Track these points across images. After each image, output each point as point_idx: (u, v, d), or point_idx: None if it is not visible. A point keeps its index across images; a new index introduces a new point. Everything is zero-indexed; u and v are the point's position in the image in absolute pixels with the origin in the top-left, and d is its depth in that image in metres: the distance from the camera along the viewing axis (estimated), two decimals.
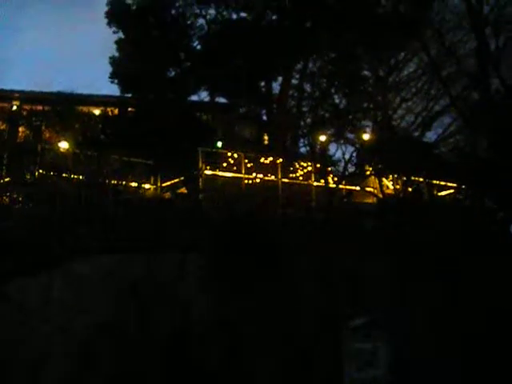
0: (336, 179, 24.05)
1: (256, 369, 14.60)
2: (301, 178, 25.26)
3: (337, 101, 29.99)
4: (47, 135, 24.92)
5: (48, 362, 13.44)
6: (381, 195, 23.36)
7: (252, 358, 14.66)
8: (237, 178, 23.43)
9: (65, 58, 74.90)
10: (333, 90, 29.71)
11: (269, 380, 14.57)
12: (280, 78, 31.38)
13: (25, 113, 27.91)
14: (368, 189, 24.58)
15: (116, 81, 31.49)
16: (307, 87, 30.79)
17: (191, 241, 16.20)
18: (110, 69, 31.72)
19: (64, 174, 20.09)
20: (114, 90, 33.28)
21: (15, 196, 18.45)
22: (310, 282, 16.35)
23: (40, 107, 27.38)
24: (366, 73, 31.03)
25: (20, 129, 26.92)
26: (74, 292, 14.33)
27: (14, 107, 30.44)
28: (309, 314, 15.56)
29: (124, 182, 20.30)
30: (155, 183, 22.39)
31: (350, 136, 27.32)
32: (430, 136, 31.22)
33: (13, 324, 13.54)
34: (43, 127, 25.29)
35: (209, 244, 16.23)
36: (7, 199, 18.46)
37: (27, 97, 30.54)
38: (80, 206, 17.39)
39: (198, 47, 31.69)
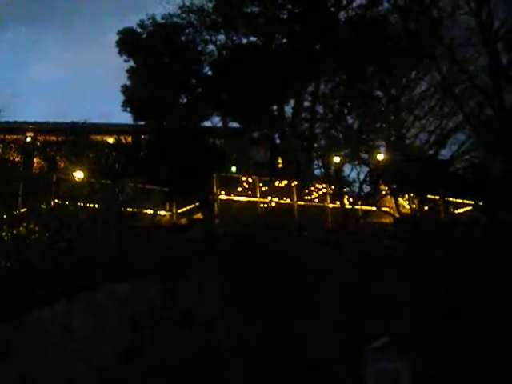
0: (351, 200, 23.90)
1: None
2: (316, 200, 25.13)
3: (350, 122, 29.93)
4: (62, 165, 24.92)
5: None
6: (397, 215, 23.20)
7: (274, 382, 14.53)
8: (252, 201, 23.35)
9: (77, 89, 75.40)
10: (345, 111, 29.66)
11: None
12: (292, 101, 31.35)
13: (39, 144, 27.94)
14: (384, 209, 24.40)
15: (128, 109, 31.63)
16: (319, 109, 30.74)
17: (208, 267, 16.11)
18: (122, 97, 31.93)
19: (80, 203, 20.02)
20: (127, 118, 33.52)
21: (31, 226, 18.39)
22: (330, 305, 16.23)
23: (54, 138, 27.44)
24: (378, 93, 30.98)
25: (35, 160, 27.00)
26: (93, 320, 14.26)
27: (29, 138, 30.48)
28: (330, 336, 15.42)
29: (140, 210, 20.23)
30: (171, 210, 22.35)
31: (364, 156, 27.21)
32: (445, 154, 31.12)
33: (34, 354, 13.46)
34: (58, 157, 25.30)
35: (226, 270, 16.14)
36: (24, 230, 18.41)
37: (41, 128, 30.64)
38: (96, 235, 17.31)
39: (209, 73, 31.76)
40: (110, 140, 27.87)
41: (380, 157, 26.39)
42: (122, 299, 14.62)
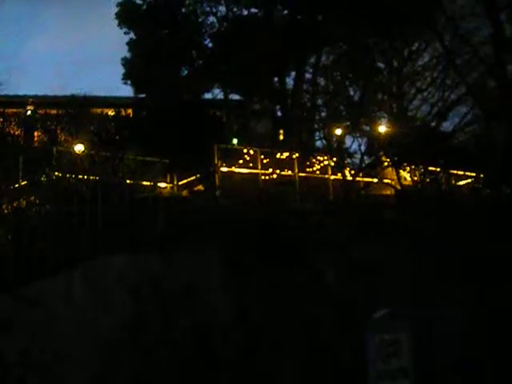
0: (353, 172, 23.84)
1: (278, 362, 14.44)
2: (318, 172, 25.06)
3: (351, 93, 29.79)
4: (62, 138, 24.84)
5: (71, 362, 13.31)
6: (399, 186, 23.14)
7: (274, 352, 14.51)
8: (253, 174, 23.27)
9: (79, 63, 75.13)
10: (347, 83, 29.50)
11: (291, 374, 14.42)
12: (293, 73, 31.19)
13: (39, 117, 27.86)
14: (386, 181, 24.34)
15: (129, 82, 31.50)
16: (321, 81, 30.59)
17: (209, 238, 16.05)
18: (122, 70, 31.79)
19: (80, 176, 19.95)
20: (128, 91, 33.36)
21: (32, 198, 18.31)
22: (331, 275, 16.22)
23: (54, 111, 27.35)
24: (379, 64, 30.80)
25: (35, 133, 26.93)
26: (94, 293, 14.24)
27: (29, 112, 30.35)
28: (330, 306, 15.41)
29: (140, 182, 20.15)
30: (172, 182, 22.29)
31: (366, 128, 27.08)
32: (447, 126, 30.95)
33: (34, 327, 13.44)
34: (58, 130, 25.21)
35: (227, 241, 16.09)
36: (24, 202, 18.35)
37: (41, 101, 30.43)
38: (96, 206, 17.26)
39: (210, 45, 31.59)
40: (111, 113, 27.78)
41: (382, 129, 26.24)
42: (123, 271, 14.55)
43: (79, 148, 22.24)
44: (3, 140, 23.46)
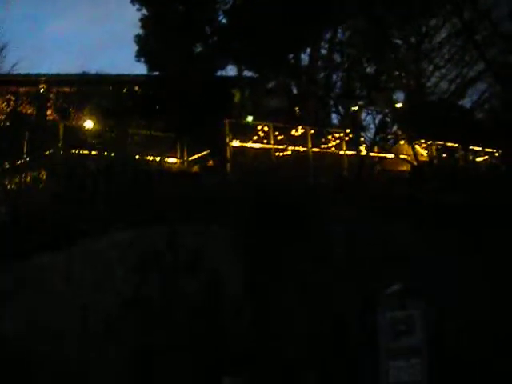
0: (367, 148, 23.40)
1: (287, 337, 14.07)
2: (333, 148, 24.65)
3: (367, 70, 29.17)
4: (74, 115, 24.75)
5: (71, 340, 13.00)
6: (415, 162, 22.67)
7: (282, 325, 14.14)
8: (266, 149, 22.88)
9: (97, 43, 74.91)
10: (363, 59, 28.90)
11: (298, 348, 14.03)
12: (308, 50, 30.64)
13: (52, 95, 27.84)
14: (402, 156, 23.89)
15: (142, 59, 31.10)
16: (336, 57, 30.02)
17: (217, 212, 15.67)
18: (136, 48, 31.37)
19: (86, 151, 19.77)
20: (142, 69, 32.95)
21: (35, 174, 18.14)
22: (342, 250, 15.79)
23: (66, 89, 27.33)
24: (397, 41, 30.15)
25: (48, 111, 26.90)
26: (96, 268, 13.88)
27: (41, 90, 30.24)
28: (341, 281, 15.00)
29: (148, 157, 19.87)
30: (182, 157, 22.00)
31: (382, 104, 26.58)
32: (465, 103, 30.31)
33: (33, 303, 13.13)
34: (70, 108, 25.12)
35: (235, 216, 15.68)
36: (29, 179, 18.18)
37: (54, 80, 30.29)
38: (100, 182, 16.97)
39: (224, 21, 31.09)
40: (123, 90, 27.56)
41: (398, 105, 25.79)
42: (125, 246, 14.18)
43: (89, 124, 22.09)
44: (15, 118, 23.42)
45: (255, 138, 23.44)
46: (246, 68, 30.93)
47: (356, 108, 25.69)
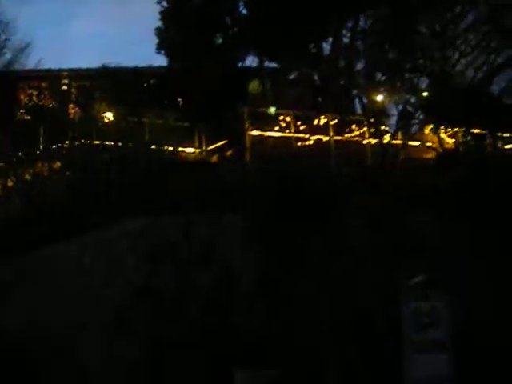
0: (391, 136, 22.82)
1: (305, 331, 13.55)
2: (356, 137, 24.13)
3: (390, 57, 28.54)
4: (95, 108, 24.67)
5: (84, 330, 12.65)
6: (440, 149, 22.07)
7: (299, 320, 13.61)
8: (287, 138, 22.38)
9: (121, 39, 74.89)
10: (386, 47, 28.28)
11: (317, 344, 13.50)
12: (330, 39, 30.08)
13: (73, 90, 27.96)
14: (427, 144, 23.31)
15: (162, 52, 30.77)
16: (359, 45, 29.41)
17: (234, 203, 15.20)
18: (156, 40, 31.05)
19: (98, 142, 19.54)
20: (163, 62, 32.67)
21: (47, 165, 17.95)
22: (363, 240, 15.21)
23: (88, 83, 27.40)
24: (421, 28, 29.49)
25: (70, 105, 27.00)
26: (107, 257, 13.51)
27: (64, 87, 30.24)
28: (362, 273, 14.43)
29: (165, 147, 19.56)
30: (200, 147, 21.63)
31: (406, 93, 25.98)
32: (493, 91, 29.54)
33: (46, 293, 12.81)
34: (92, 101, 25.09)
35: (252, 205, 15.18)
36: (44, 169, 17.98)
37: (75, 74, 30.26)
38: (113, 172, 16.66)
39: (244, 12, 30.63)
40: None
41: (423, 94, 25.20)
42: (137, 235, 13.77)
43: (109, 116, 21.93)
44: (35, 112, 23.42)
45: (276, 127, 22.93)
46: (267, 58, 30.46)
47: (379, 96, 25.07)
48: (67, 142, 19.31)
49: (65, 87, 29.63)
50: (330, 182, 17.63)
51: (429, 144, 23.23)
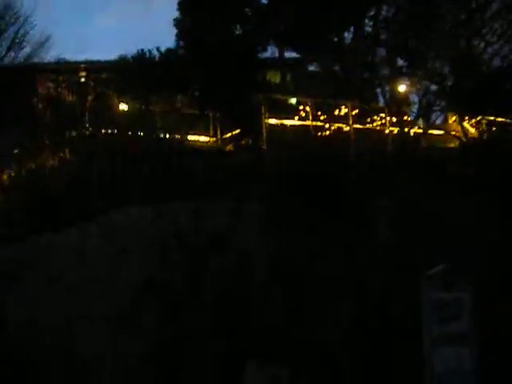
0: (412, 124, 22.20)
1: (324, 321, 12.93)
2: (378, 127, 23.53)
3: (414, 47, 27.91)
4: (112, 98, 24.38)
5: (86, 325, 12.05)
6: (464, 138, 21.43)
7: (319, 310, 13.00)
8: (305, 127, 21.78)
9: (141, 34, 74.73)
10: (409, 36, 27.65)
11: (335, 334, 12.91)
12: (352, 28, 29.49)
13: (91, 82, 27.76)
14: (451, 132, 22.70)
15: (181, 42, 30.34)
16: (381, 35, 28.80)
17: (249, 190, 14.65)
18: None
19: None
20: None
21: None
22: (383, 227, 14.63)
23: (105, 75, 27.20)
24: (445, 17, 28.82)
25: (88, 97, 26.74)
26: (112, 246, 12.95)
27: (82, 79, 30.03)
28: (381, 261, 13.84)
29: (178, 136, 19.11)
30: (215, 135, 21.12)
31: (429, 82, 25.36)
32: None
33: (46, 281, 12.25)
34: (109, 92, 24.82)
35: (268, 194, 14.60)
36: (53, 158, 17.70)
37: (93, 66, 30.02)
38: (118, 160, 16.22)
39: (264, 1, 30.11)
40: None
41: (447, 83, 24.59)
42: (146, 223, 13.22)
43: (124, 106, 21.62)
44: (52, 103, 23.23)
45: (296, 117, 22.38)
46: (287, 49, 29.99)
47: (401, 85, 24.46)
48: (79, 132, 18.98)
49: (82, 79, 29.46)
50: (351, 167, 17.05)
51: (452, 133, 22.60)
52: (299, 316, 13.05)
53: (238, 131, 21.56)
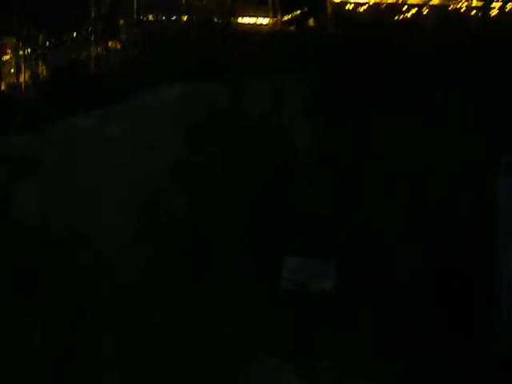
0: None
1: (374, 216, 11.54)
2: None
3: None
4: None
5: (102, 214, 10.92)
6: None
7: (371, 203, 11.61)
8: (372, 6, 19.83)
9: None
10: None
11: (391, 230, 11.50)
12: None
13: None
14: None
15: None
16: None
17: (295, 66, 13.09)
18: None
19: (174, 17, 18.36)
20: None
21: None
22: (451, 113, 12.87)
23: None
24: None
25: None
26: (136, 130, 11.70)
27: None
28: (444, 152, 12.21)
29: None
30: (275, 17, 19.66)
31: None
32: None
33: (62, 171, 11.15)
34: None
35: (318, 72, 13.03)
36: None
37: None
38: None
39: None
40: None
41: None
42: (175, 103, 11.89)
43: None
44: None
45: None
46: None
47: None
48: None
49: None
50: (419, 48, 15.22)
51: None
52: (346, 207, 11.61)
53: (299, 12, 19.94)
